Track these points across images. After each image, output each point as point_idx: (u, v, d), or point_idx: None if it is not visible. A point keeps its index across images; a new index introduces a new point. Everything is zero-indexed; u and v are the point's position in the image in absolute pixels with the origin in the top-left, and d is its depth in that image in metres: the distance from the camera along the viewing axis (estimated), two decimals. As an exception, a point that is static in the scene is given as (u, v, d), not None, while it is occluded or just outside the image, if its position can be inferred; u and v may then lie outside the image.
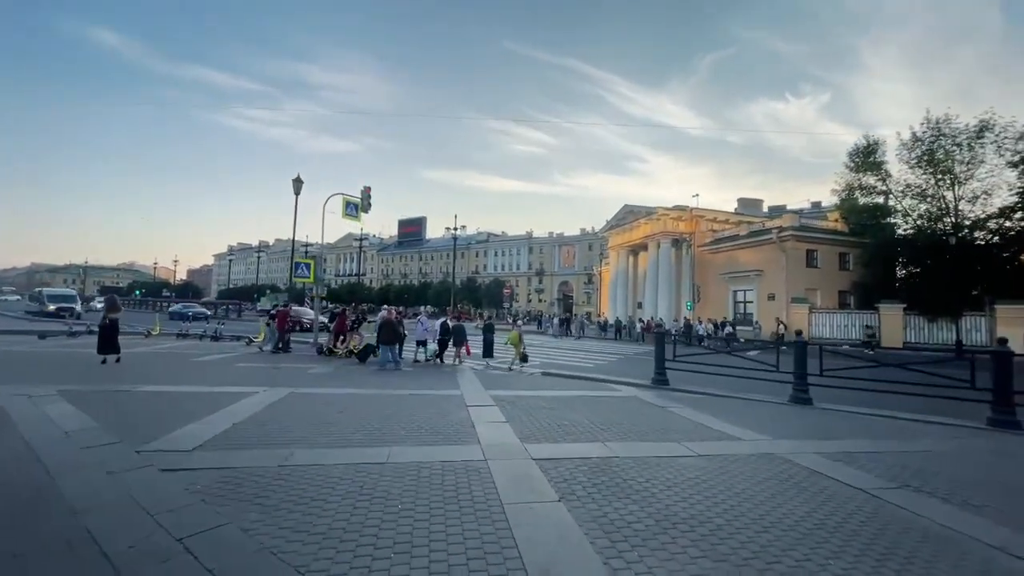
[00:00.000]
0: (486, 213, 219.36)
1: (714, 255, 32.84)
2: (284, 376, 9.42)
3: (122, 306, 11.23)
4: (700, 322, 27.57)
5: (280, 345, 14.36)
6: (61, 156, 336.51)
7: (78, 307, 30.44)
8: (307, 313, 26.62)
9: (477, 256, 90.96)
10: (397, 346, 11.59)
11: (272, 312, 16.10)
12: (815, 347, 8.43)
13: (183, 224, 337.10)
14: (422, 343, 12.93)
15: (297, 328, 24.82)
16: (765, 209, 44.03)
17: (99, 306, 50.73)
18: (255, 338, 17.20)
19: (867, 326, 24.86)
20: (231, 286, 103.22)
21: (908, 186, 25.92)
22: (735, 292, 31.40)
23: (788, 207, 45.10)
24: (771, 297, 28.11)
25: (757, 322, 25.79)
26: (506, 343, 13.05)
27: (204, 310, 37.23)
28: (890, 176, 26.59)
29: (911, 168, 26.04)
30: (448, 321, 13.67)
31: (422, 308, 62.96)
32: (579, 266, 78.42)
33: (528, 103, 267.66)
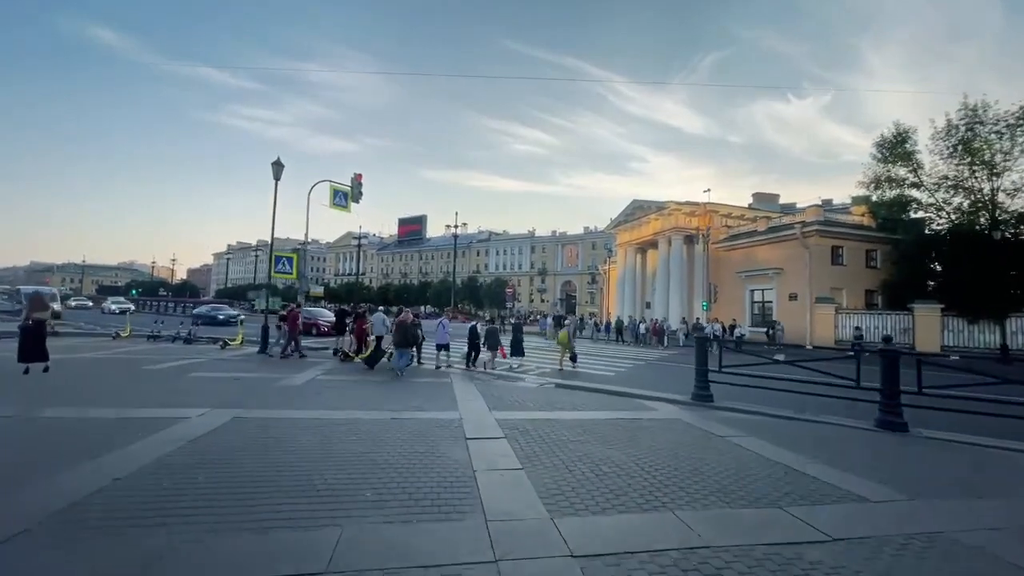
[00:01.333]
0: (487, 213, 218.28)
1: (729, 252, 31.01)
2: (242, 391, 7.66)
3: (51, 304, 9.48)
4: (710, 323, 25.38)
5: (291, 350, 12.84)
6: (62, 154, 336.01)
7: (57, 306, 28.65)
8: (323, 314, 25.00)
9: (478, 255, 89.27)
10: (412, 351, 10.76)
11: (282, 313, 14.16)
12: (908, 358, 6.64)
13: (184, 223, 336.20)
14: (443, 347, 11.96)
15: (313, 331, 23.15)
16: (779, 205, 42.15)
17: (89, 305, 48.83)
18: (231, 340, 15.49)
19: (856, 328, 23.13)
20: (228, 285, 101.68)
21: (943, 178, 24.06)
22: (752, 292, 29.57)
23: (797, 205, 43.29)
24: (792, 297, 26.29)
25: (780, 324, 23.97)
26: (556, 343, 13.53)
27: (236, 312, 30.74)
28: (922, 167, 24.74)
29: (944, 159, 24.22)
30: (479, 325, 12.91)
31: (419, 309, 61.21)
32: (582, 265, 76.69)
33: (528, 102, 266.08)
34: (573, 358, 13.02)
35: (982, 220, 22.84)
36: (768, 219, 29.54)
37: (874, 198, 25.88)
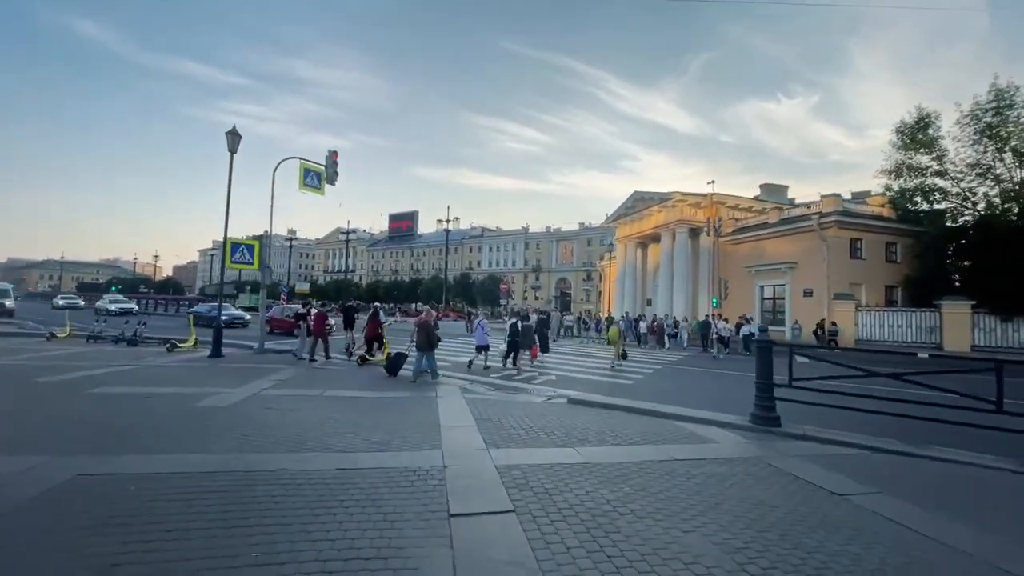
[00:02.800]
0: (480, 211, 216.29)
1: (736, 246, 29.23)
2: (138, 418, 5.55)
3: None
4: (714, 319, 22.67)
5: (318, 353, 11.68)
6: (42, 148, 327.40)
7: (9, 303, 26.06)
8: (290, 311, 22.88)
9: (471, 252, 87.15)
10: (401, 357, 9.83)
11: (300, 311, 12.94)
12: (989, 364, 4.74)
13: (172, 220, 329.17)
14: (483, 348, 11.65)
15: (296, 331, 21.06)
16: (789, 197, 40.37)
17: (81, 304, 44.90)
18: (181, 342, 13.31)
19: (833, 322, 21.28)
20: (213, 282, 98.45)
21: (970, 165, 22.45)
22: (762, 287, 27.82)
23: (795, 201, 41.70)
24: (808, 293, 24.54)
25: (796, 323, 22.18)
26: (606, 341, 14.03)
27: (242, 314, 27.07)
28: (946, 154, 23.09)
29: (969, 146, 22.62)
30: (518, 322, 12.38)
31: (428, 306, 58.90)
32: (578, 262, 74.96)
33: (521, 100, 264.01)
34: (623, 355, 13.17)
35: (1014, 210, 21.25)
36: (781, 210, 27.79)
37: (895, 187, 24.23)
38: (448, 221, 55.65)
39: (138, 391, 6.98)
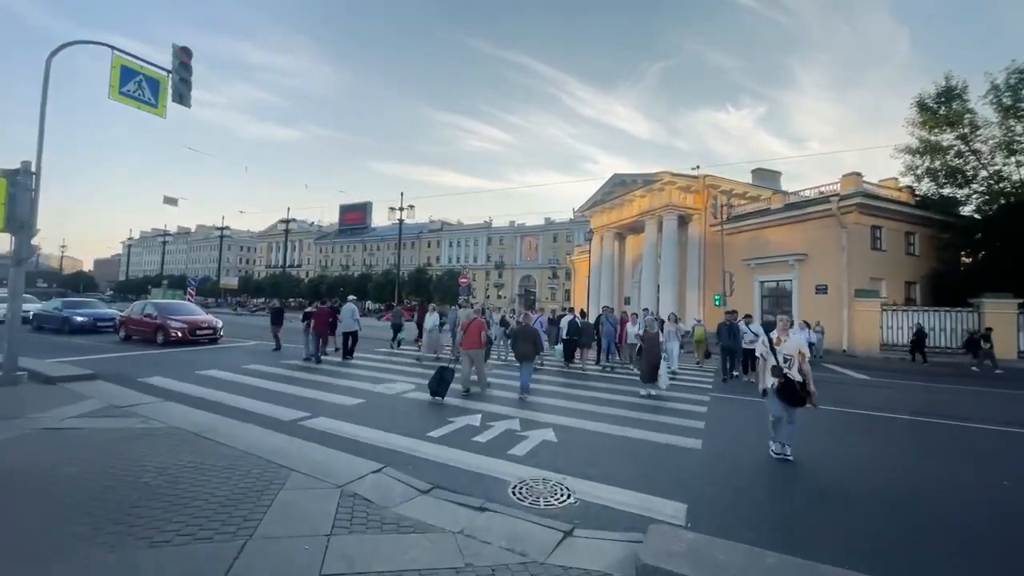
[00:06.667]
0: (439, 209, 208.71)
1: (732, 236, 25.33)
2: None
3: None
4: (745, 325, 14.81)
5: (315, 353, 11.34)
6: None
7: None
8: (184, 311, 17.05)
9: (430, 246, 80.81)
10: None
11: (307, 310, 12.40)
12: None
13: (96, 211, 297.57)
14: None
15: (158, 337, 14.90)
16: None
17: None
18: None
19: (987, 327, 16.87)
20: (127, 278, 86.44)
21: (1001, 144, 19.45)
22: (763, 283, 24.11)
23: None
24: (821, 289, 20.88)
25: (819, 325, 18.26)
26: (692, 339, 14.62)
27: (111, 312, 18.48)
28: (977, 130, 20.05)
29: (998, 122, 19.69)
30: (577, 319, 11.74)
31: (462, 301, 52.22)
32: (543, 259, 70.60)
33: (482, 98, 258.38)
34: (707, 355, 13.51)
35: (1058, 195, 18.42)
36: (786, 195, 24.11)
37: (921, 167, 21.07)
38: (402, 210, 49.46)
39: None
